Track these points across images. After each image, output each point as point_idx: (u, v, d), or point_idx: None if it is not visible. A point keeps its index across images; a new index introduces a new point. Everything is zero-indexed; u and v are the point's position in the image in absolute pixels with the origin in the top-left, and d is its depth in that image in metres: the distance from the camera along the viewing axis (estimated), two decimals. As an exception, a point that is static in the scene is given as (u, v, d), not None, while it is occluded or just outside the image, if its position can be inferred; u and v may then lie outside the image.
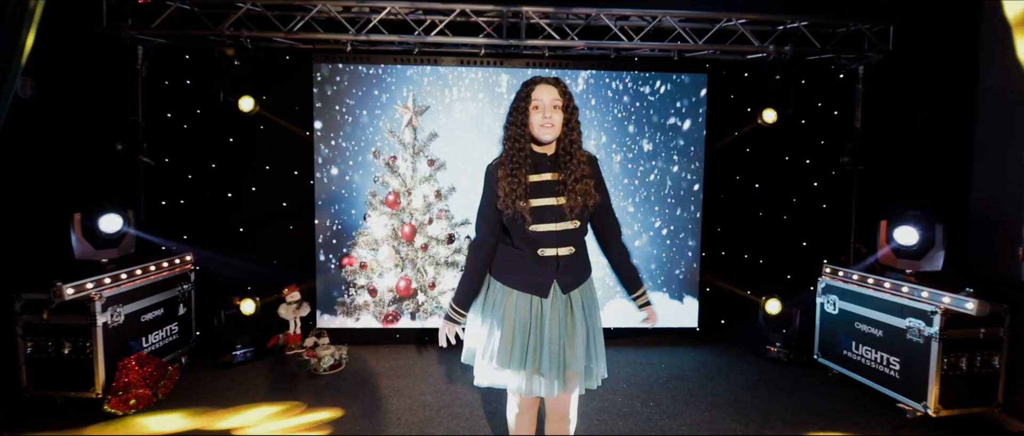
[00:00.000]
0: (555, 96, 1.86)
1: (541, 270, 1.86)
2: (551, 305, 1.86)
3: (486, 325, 1.91)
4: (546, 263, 1.86)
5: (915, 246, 3.05)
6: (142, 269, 3.24)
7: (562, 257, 1.87)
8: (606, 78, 4.08)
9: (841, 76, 4.28)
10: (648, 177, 4.16)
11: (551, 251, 1.86)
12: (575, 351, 1.85)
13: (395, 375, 3.45)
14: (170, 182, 3.97)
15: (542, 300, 1.86)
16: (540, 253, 1.86)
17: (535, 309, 1.86)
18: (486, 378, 1.91)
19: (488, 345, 1.88)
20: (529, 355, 1.84)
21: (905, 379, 2.92)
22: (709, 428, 2.80)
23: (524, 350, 1.84)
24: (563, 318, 1.87)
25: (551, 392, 1.86)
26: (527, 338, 1.85)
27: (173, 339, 3.48)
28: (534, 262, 1.86)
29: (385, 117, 3.97)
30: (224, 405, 2.96)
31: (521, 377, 1.85)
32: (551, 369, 1.83)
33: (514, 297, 1.88)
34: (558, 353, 1.84)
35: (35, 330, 2.85)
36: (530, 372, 1.85)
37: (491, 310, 1.91)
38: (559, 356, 1.84)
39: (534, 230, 1.84)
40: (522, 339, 1.84)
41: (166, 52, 3.86)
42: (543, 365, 1.83)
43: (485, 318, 1.93)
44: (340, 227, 4.02)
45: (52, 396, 2.86)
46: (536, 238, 1.85)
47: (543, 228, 1.85)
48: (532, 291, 1.87)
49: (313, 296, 4.03)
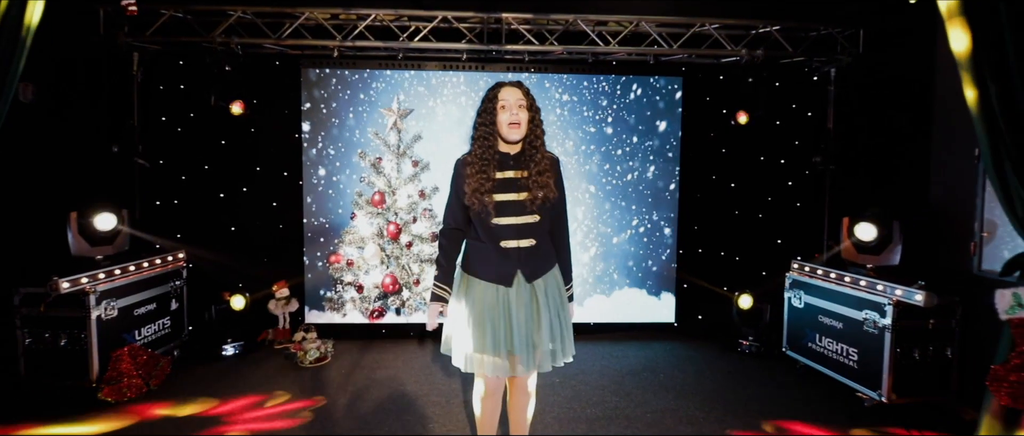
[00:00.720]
0: (519, 97, 2.01)
1: (504, 261, 2.00)
2: (516, 293, 2.00)
3: (459, 315, 2.06)
4: (509, 254, 2.00)
5: (874, 242, 3.18)
6: (135, 265, 3.40)
7: (523, 249, 2.01)
8: (584, 81, 4.23)
9: (814, 79, 4.41)
10: (626, 177, 4.30)
11: (513, 243, 2.00)
12: (542, 334, 1.99)
13: (378, 367, 3.59)
14: (164, 183, 4.13)
15: (507, 289, 2.00)
16: (503, 245, 2.00)
17: (501, 297, 2.00)
18: (463, 362, 2.03)
19: (463, 333, 2.02)
20: (502, 339, 1.98)
21: (862, 369, 3.04)
22: (672, 416, 2.93)
23: (496, 335, 1.98)
24: (529, 305, 2.01)
25: (524, 371, 2.00)
26: (497, 324, 1.98)
27: (165, 333, 3.63)
28: (497, 254, 2.00)
29: (371, 120, 4.12)
30: (212, 395, 3.10)
31: (494, 360, 1.98)
32: (523, 351, 1.97)
33: (481, 287, 2.02)
34: (527, 336, 1.98)
35: (33, 322, 3.01)
36: (506, 354, 1.98)
37: (462, 301, 2.05)
38: (528, 339, 1.98)
39: (497, 223, 1.98)
40: (492, 325, 1.98)
41: (160, 58, 4.03)
42: (516, 347, 1.97)
43: (457, 309, 2.07)
44: (328, 226, 4.17)
45: (49, 384, 3.01)
46: (499, 231, 1.99)
47: (506, 221, 1.99)
48: (497, 281, 2.00)
49: (301, 292, 4.18)
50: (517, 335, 1.96)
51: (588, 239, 4.31)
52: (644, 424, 2.83)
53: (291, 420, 2.83)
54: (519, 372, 2.01)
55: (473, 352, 1.98)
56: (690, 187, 4.44)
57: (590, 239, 4.31)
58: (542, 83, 4.20)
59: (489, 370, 1.99)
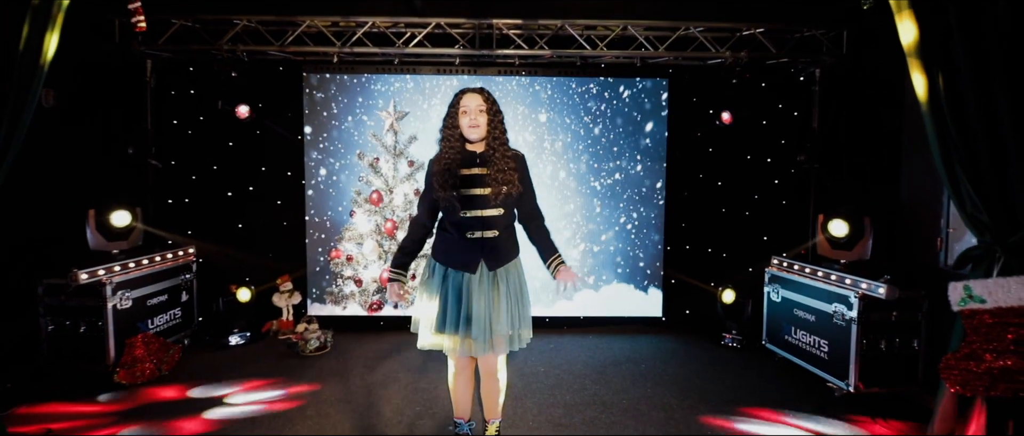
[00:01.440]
0: (480, 102, 2.19)
1: (469, 250, 2.19)
2: (478, 280, 2.18)
3: (425, 298, 2.25)
4: (473, 244, 2.18)
5: (845, 238, 3.30)
6: (148, 259, 3.64)
7: (487, 239, 2.19)
8: (573, 84, 4.38)
9: (801, 79, 4.51)
10: (614, 176, 4.44)
11: (477, 234, 2.18)
12: (499, 319, 2.17)
13: (374, 357, 3.80)
14: (176, 182, 4.39)
15: (470, 276, 2.18)
16: (468, 235, 2.18)
17: (465, 283, 2.18)
18: (426, 341, 2.24)
19: (426, 314, 2.22)
20: (461, 322, 2.16)
21: (832, 360, 3.17)
22: (647, 402, 3.09)
23: (456, 317, 2.17)
24: (489, 291, 2.19)
25: (481, 352, 2.18)
26: (458, 307, 2.17)
27: (176, 322, 3.87)
28: (463, 243, 2.19)
29: (369, 122, 4.33)
30: (219, 379, 3.33)
31: (454, 340, 2.17)
32: (479, 334, 2.15)
33: (448, 273, 2.21)
34: (485, 320, 2.16)
35: (55, 310, 3.26)
36: (462, 336, 2.17)
37: (429, 285, 2.25)
38: (485, 323, 2.16)
39: (463, 215, 2.17)
40: (453, 308, 2.17)
41: (172, 65, 4.28)
42: (472, 330, 2.15)
43: (424, 292, 2.26)
44: (328, 223, 4.39)
45: (69, 368, 3.27)
46: (464, 222, 2.18)
47: (472, 214, 2.18)
48: (461, 268, 2.19)
49: (304, 285, 4.40)
50: (475, 319, 2.14)
51: (577, 236, 4.47)
52: (619, 410, 2.99)
53: (290, 402, 3.04)
54: (475, 353, 2.18)
55: (432, 333, 2.17)
56: (677, 186, 4.57)
57: (579, 236, 4.47)
58: (532, 85, 4.37)
59: (446, 349, 2.18)
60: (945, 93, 2.31)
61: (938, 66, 2.33)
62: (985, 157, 2.30)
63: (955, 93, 2.31)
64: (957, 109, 2.31)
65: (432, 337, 2.22)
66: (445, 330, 2.17)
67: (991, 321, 2.30)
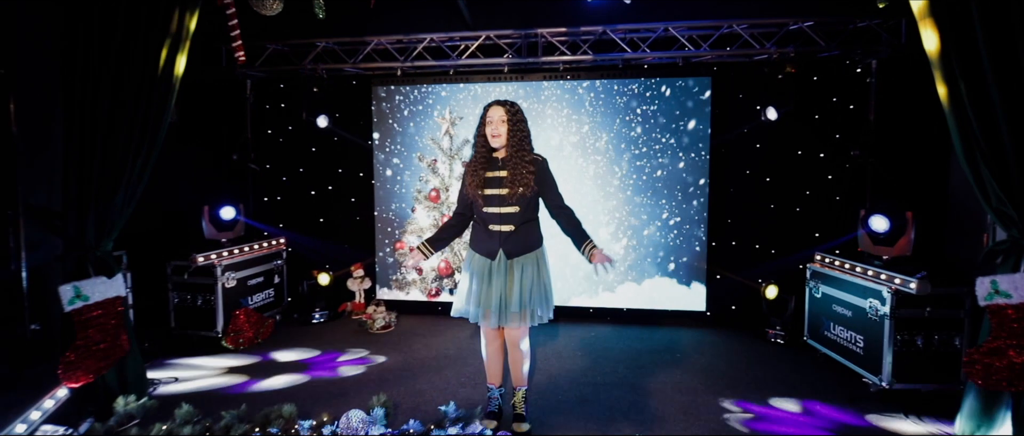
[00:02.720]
0: (502, 114, 2.54)
1: (491, 240, 2.55)
2: (497, 265, 2.55)
3: (462, 277, 2.65)
4: (493, 236, 2.55)
5: (886, 233, 3.27)
6: (249, 247, 4.37)
7: (504, 232, 2.54)
8: (615, 85, 4.60)
9: (858, 71, 4.40)
10: (656, 173, 4.60)
11: (497, 227, 2.54)
12: (512, 299, 2.52)
13: (430, 335, 4.27)
14: (270, 183, 5.15)
15: (491, 262, 2.55)
16: (490, 228, 2.55)
17: (488, 267, 2.56)
18: (457, 309, 2.66)
19: (460, 289, 2.64)
20: (483, 298, 2.55)
21: (867, 355, 3.17)
22: (674, 387, 3.28)
23: (479, 294, 2.55)
24: (505, 275, 2.55)
25: (495, 324, 2.55)
26: (481, 286, 2.55)
27: (270, 301, 4.59)
28: (486, 234, 2.56)
29: (427, 127, 4.82)
30: (303, 348, 3.96)
31: (479, 312, 2.55)
32: (497, 308, 2.53)
33: (476, 258, 2.60)
34: (500, 297, 2.53)
35: (179, 287, 4.05)
36: (483, 309, 2.55)
37: (465, 267, 2.65)
38: (501, 299, 2.53)
39: (486, 211, 2.54)
40: (478, 287, 2.56)
41: (266, 83, 5.03)
42: (491, 304, 2.53)
43: (462, 272, 2.67)
44: (393, 217, 4.94)
45: (188, 333, 4.04)
46: (487, 217, 2.55)
47: (492, 210, 2.54)
48: (485, 255, 2.57)
49: (373, 272, 4.99)
50: (493, 295, 2.52)
51: (620, 230, 4.68)
52: (644, 392, 3.21)
53: (357, 369, 3.58)
54: (492, 323, 2.55)
55: (462, 303, 2.58)
56: (722, 182, 4.62)
57: (622, 231, 4.68)
58: (576, 89, 4.64)
59: (471, 317, 2.57)
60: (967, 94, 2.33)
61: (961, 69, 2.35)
62: (1011, 152, 2.29)
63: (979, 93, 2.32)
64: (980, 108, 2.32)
65: (460, 308, 2.63)
66: (468, 302, 2.58)
67: (1015, 315, 2.30)
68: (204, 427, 2.47)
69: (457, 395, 3.10)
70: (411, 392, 3.19)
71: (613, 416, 2.89)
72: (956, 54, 2.34)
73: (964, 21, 2.31)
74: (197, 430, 2.43)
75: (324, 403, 2.96)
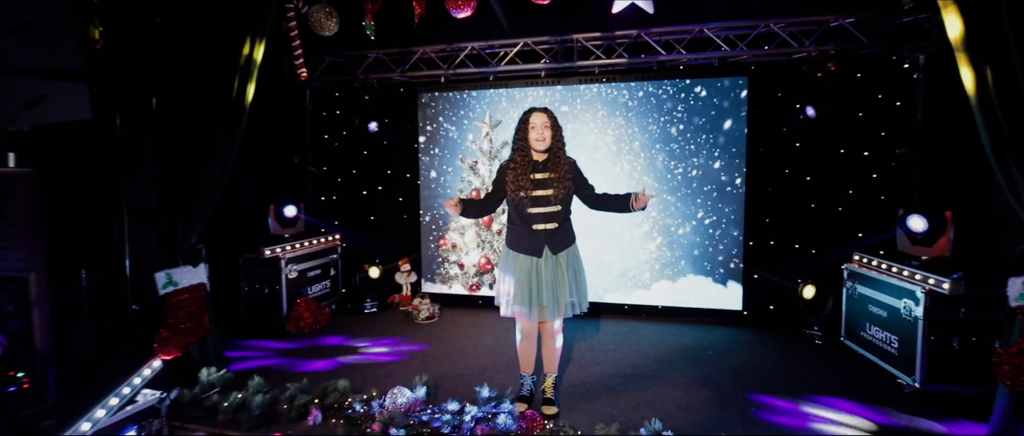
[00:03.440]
0: (545, 120, 2.74)
1: (536, 238, 2.75)
2: (545, 262, 2.75)
3: (506, 279, 2.86)
4: (538, 234, 2.75)
5: (924, 233, 3.23)
6: (308, 242, 4.81)
7: (549, 229, 2.74)
8: (649, 87, 4.70)
9: (905, 66, 4.29)
10: (691, 173, 4.67)
11: (541, 226, 2.74)
12: (563, 290, 2.73)
13: (471, 327, 4.55)
14: (327, 184, 5.60)
15: (537, 259, 2.75)
16: (535, 227, 2.75)
17: (534, 265, 2.76)
18: (506, 310, 2.86)
19: (506, 290, 2.84)
20: (534, 294, 2.75)
21: (901, 355, 3.15)
22: (701, 381, 3.38)
23: (530, 291, 2.75)
24: (554, 270, 2.75)
25: (550, 317, 2.76)
26: (531, 283, 2.75)
27: (327, 292, 5.03)
28: (531, 234, 2.76)
29: (469, 131, 5.10)
30: (355, 334, 4.34)
31: (529, 309, 2.76)
32: (550, 302, 2.72)
33: (520, 258, 2.80)
34: (553, 291, 2.73)
35: (249, 277, 4.53)
36: (535, 305, 2.75)
37: (507, 269, 2.85)
38: (554, 294, 2.73)
39: (531, 212, 2.74)
40: (527, 284, 2.75)
41: (323, 93, 5.48)
42: (545, 299, 2.73)
43: (504, 275, 2.87)
44: (438, 216, 5.26)
45: (256, 318, 4.52)
46: (532, 218, 2.75)
47: (538, 210, 2.74)
48: (530, 253, 2.77)
49: (419, 267, 5.33)
50: (546, 291, 2.71)
51: (655, 230, 4.77)
52: (671, 384, 3.34)
53: (404, 356, 3.91)
54: (546, 318, 2.75)
55: (514, 303, 2.77)
56: (760, 181, 4.62)
57: (656, 230, 4.77)
58: (610, 91, 4.78)
59: (524, 315, 2.76)
60: (994, 87, 2.32)
61: (987, 60, 2.34)
62: (1042, 150, 2.27)
63: (1007, 85, 2.31)
64: (1008, 101, 2.31)
65: (512, 306, 2.83)
66: (522, 302, 2.76)
67: (1045, 317, 2.29)
68: (272, 397, 2.85)
69: (492, 380, 3.35)
70: (450, 375, 3.46)
71: (638, 405, 3.04)
72: (981, 40, 2.32)
73: (989, 6, 2.29)
74: (266, 399, 2.80)
75: (373, 381, 3.29)
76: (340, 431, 2.65)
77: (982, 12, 2.32)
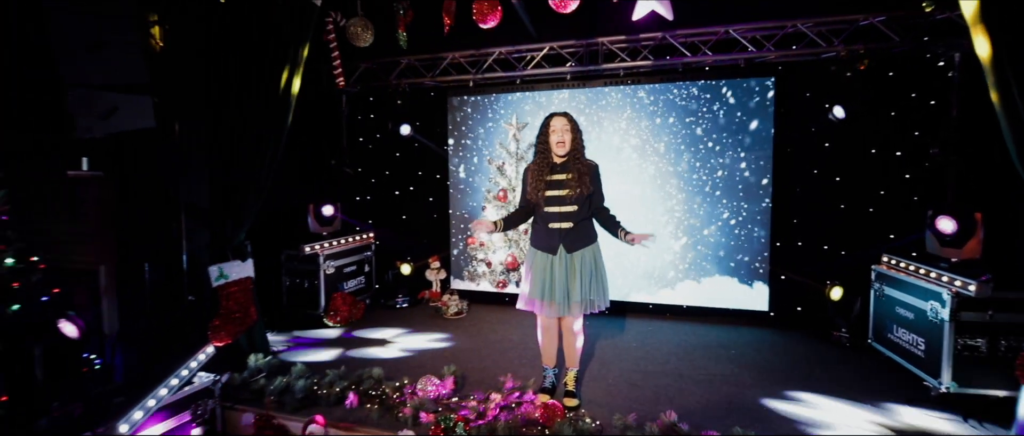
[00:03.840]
0: (565, 124, 2.87)
1: (551, 237, 2.89)
2: (559, 260, 2.87)
3: (527, 273, 3.01)
4: (553, 233, 2.88)
5: (953, 234, 3.19)
6: (344, 240, 5.08)
7: (564, 229, 2.87)
8: (674, 88, 4.74)
9: (939, 64, 4.21)
10: (716, 174, 4.69)
11: (557, 225, 2.87)
12: (574, 289, 2.84)
13: (496, 322, 4.72)
14: (361, 185, 5.87)
15: (553, 257, 2.89)
16: (551, 226, 2.89)
17: (550, 262, 2.89)
18: (521, 305, 3.00)
19: (524, 285, 2.99)
20: (546, 290, 2.88)
21: (928, 358, 3.13)
22: (722, 378, 3.43)
23: (543, 287, 2.89)
24: (568, 268, 2.87)
25: (559, 313, 2.89)
26: (545, 280, 2.89)
27: (361, 287, 5.29)
28: (547, 232, 2.90)
29: (496, 133, 5.26)
30: (388, 327, 4.57)
31: (542, 304, 2.90)
32: (562, 299, 2.85)
33: (538, 255, 2.94)
34: (564, 289, 2.85)
35: (290, 272, 4.83)
36: (548, 301, 2.89)
37: (527, 265, 3.00)
38: (565, 290, 2.85)
39: (546, 211, 2.88)
40: (542, 280, 2.89)
41: (358, 98, 5.75)
42: (556, 296, 2.86)
43: (525, 270, 3.02)
44: (466, 215, 5.45)
45: (297, 311, 4.81)
46: (548, 216, 2.89)
47: (552, 209, 2.88)
48: (546, 250, 2.90)
49: (448, 265, 5.54)
50: (558, 288, 2.83)
51: (679, 230, 4.82)
52: (691, 381, 3.41)
53: (433, 346, 4.10)
54: (556, 313, 2.87)
55: (528, 296, 2.91)
56: (787, 182, 4.60)
57: (681, 230, 4.82)
58: (635, 92, 4.85)
59: (536, 309, 2.90)
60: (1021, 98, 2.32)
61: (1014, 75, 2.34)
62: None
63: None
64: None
65: (527, 301, 2.98)
66: (535, 295, 2.91)
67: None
68: (313, 382, 3.08)
69: (516, 372, 3.49)
70: (477, 367, 3.63)
71: (658, 399, 3.13)
72: (1009, 60, 2.33)
73: (1017, 26, 2.30)
74: (308, 383, 3.04)
75: (404, 370, 3.49)
76: (374, 414, 2.86)
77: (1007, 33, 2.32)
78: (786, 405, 3.06)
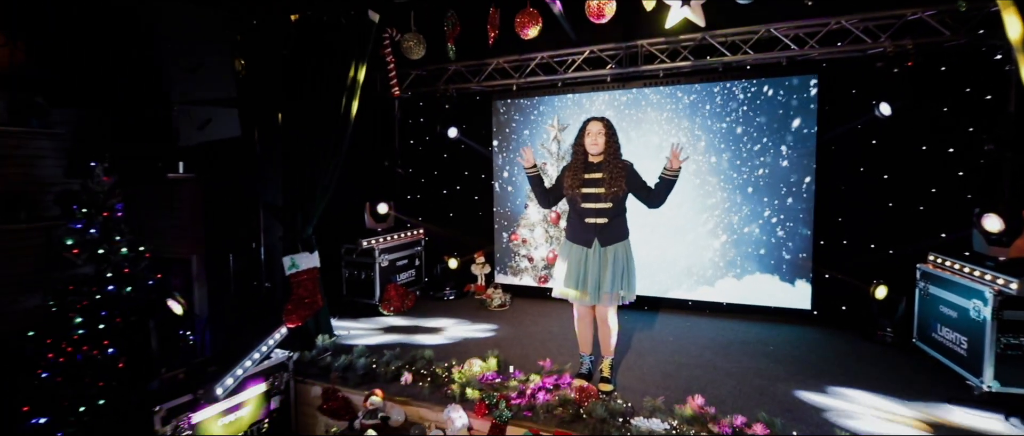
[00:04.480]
0: (600, 128, 3.08)
1: (587, 231, 3.10)
2: (593, 253, 3.09)
3: (560, 264, 3.25)
4: (589, 227, 3.09)
5: (1000, 233, 3.15)
6: (397, 235, 5.47)
7: (599, 224, 3.07)
8: (714, 88, 4.81)
9: (996, 58, 4.08)
10: (757, 172, 4.72)
11: (592, 220, 3.08)
12: (606, 281, 3.04)
13: (538, 315, 4.96)
14: (413, 184, 6.27)
15: (588, 250, 3.10)
16: (586, 221, 3.10)
17: (584, 255, 3.11)
18: (557, 292, 3.23)
19: (558, 274, 3.22)
20: (580, 280, 3.11)
21: (971, 357, 3.10)
22: (755, 372, 3.52)
23: (577, 277, 3.11)
24: (601, 260, 3.08)
25: (590, 302, 3.10)
26: (579, 270, 3.11)
27: (412, 280, 5.67)
28: (583, 226, 3.12)
29: (538, 134, 5.50)
30: (437, 317, 4.92)
31: (575, 293, 3.12)
32: (592, 290, 3.07)
33: (574, 248, 3.17)
34: (596, 280, 3.06)
35: (350, 264, 5.27)
36: (581, 291, 3.11)
37: (562, 256, 3.24)
38: (597, 282, 3.06)
39: (583, 207, 3.10)
40: (576, 271, 3.12)
41: (409, 103, 6.14)
42: (588, 286, 3.08)
43: (559, 261, 3.26)
44: (509, 213, 5.72)
45: (355, 301, 5.24)
46: (584, 212, 3.10)
47: (589, 206, 3.09)
48: (582, 243, 3.12)
49: (492, 260, 5.83)
50: (590, 278, 3.05)
51: (719, 228, 4.88)
52: (724, 373, 3.52)
53: (478, 334, 4.40)
54: (587, 302, 3.08)
55: (562, 285, 3.14)
56: (831, 180, 4.57)
57: (721, 228, 4.88)
58: (675, 92, 4.95)
59: (571, 297, 3.12)
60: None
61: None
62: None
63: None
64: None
65: (561, 290, 3.21)
66: (568, 285, 3.14)
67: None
68: (372, 360, 3.45)
69: (555, 359, 3.72)
70: (518, 354, 3.89)
71: (690, 389, 3.27)
72: None
73: None
74: (368, 362, 3.41)
75: (453, 354, 3.80)
76: (425, 390, 3.18)
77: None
78: (820, 397, 3.13)
